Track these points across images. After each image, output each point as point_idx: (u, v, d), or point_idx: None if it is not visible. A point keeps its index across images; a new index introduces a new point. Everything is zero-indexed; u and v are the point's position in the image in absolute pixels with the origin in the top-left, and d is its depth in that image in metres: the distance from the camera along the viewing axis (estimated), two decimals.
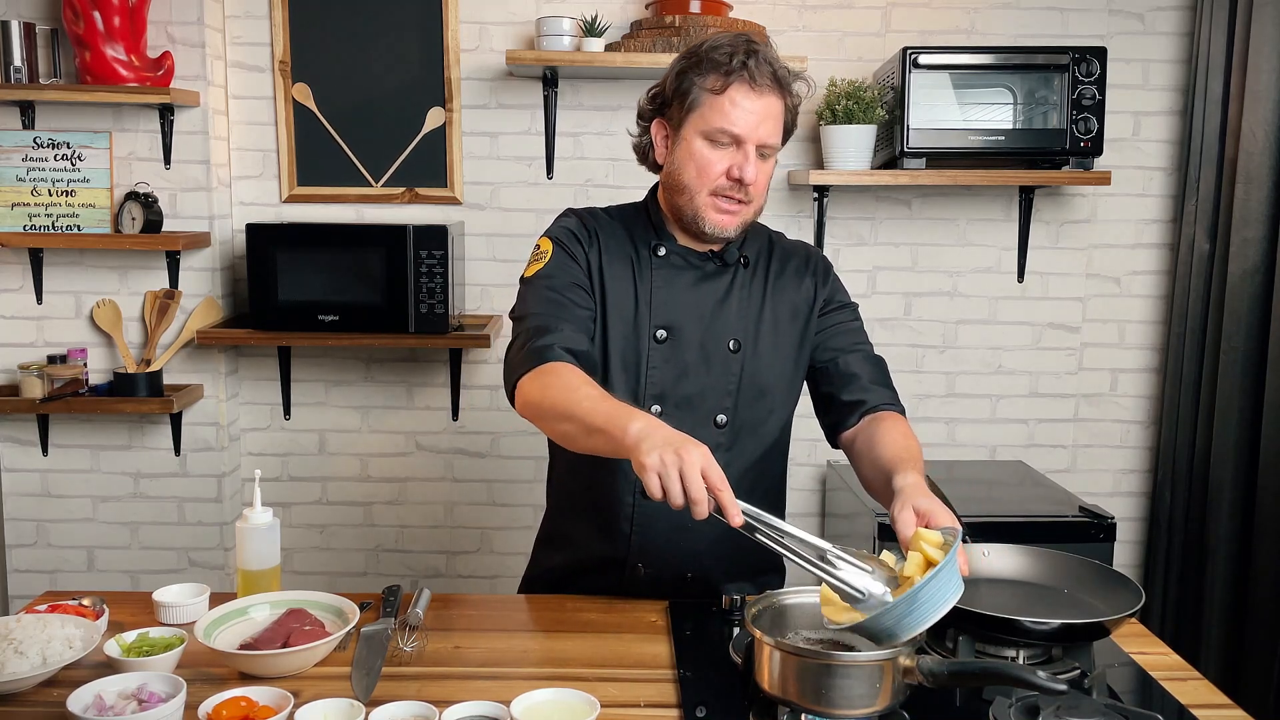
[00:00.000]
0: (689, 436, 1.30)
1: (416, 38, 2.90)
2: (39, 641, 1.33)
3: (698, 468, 1.25)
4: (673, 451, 1.26)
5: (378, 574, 3.09)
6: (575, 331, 1.57)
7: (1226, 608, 2.76)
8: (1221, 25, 2.78)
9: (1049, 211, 3.02)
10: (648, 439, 1.29)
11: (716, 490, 1.26)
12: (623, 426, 1.33)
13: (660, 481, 1.26)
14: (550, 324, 1.56)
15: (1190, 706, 1.32)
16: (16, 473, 2.92)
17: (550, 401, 1.45)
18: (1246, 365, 2.70)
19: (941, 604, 1.21)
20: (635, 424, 1.32)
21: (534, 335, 1.55)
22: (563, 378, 1.47)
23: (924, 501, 1.37)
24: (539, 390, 1.48)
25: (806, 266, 1.74)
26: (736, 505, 1.26)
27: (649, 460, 1.26)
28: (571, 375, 1.48)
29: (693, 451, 1.26)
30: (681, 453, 1.26)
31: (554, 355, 1.52)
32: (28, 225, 2.78)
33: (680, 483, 1.25)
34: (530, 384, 1.50)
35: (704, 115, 1.56)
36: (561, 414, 1.43)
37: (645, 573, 1.68)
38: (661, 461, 1.26)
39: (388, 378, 3.04)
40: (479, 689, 1.31)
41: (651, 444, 1.28)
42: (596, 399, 1.41)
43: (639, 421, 1.32)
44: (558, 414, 1.44)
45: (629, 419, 1.33)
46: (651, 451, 1.27)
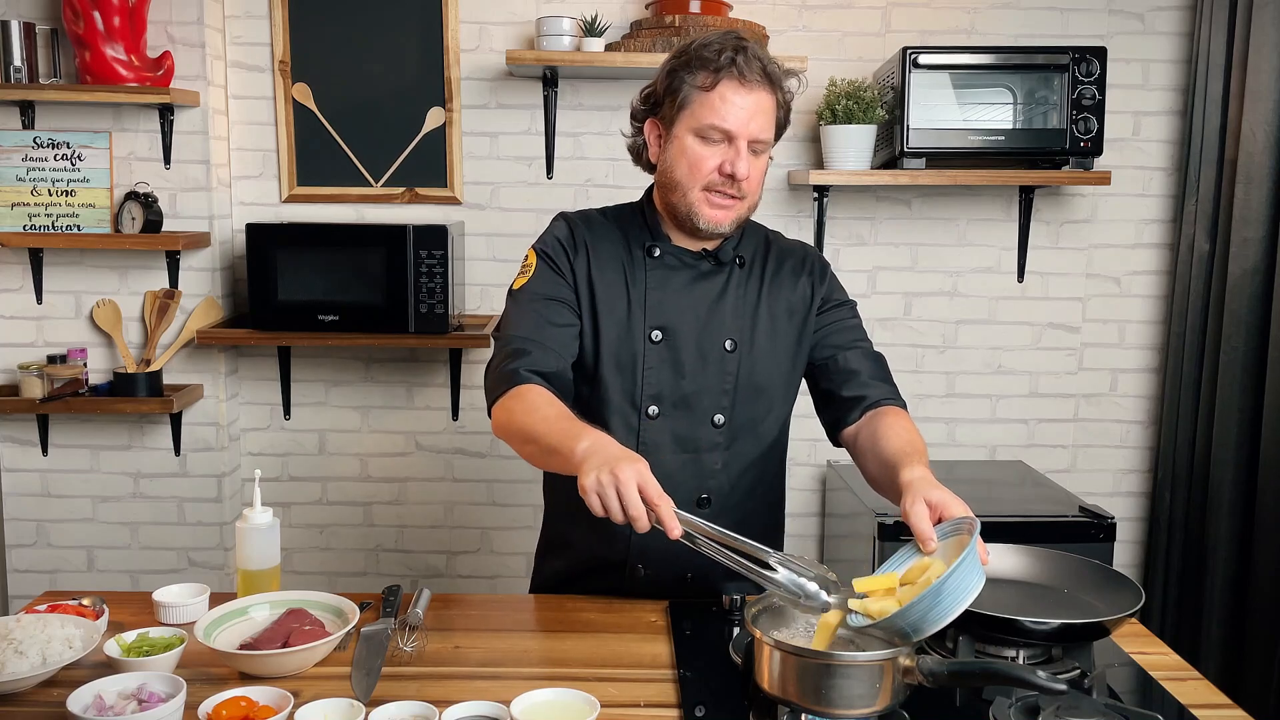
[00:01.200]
0: (629, 452, 1.34)
1: (416, 38, 2.90)
2: (39, 641, 1.33)
3: (633, 484, 1.28)
4: (608, 471, 1.29)
5: (378, 574, 3.09)
6: (548, 352, 1.59)
7: (1226, 608, 2.76)
8: (1221, 25, 2.78)
9: (1049, 211, 3.02)
10: (589, 459, 1.33)
11: (654, 505, 1.29)
12: (571, 448, 1.37)
13: (600, 501, 1.30)
14: (525, 346, 1.58)
15: (1190, 706, 1.32)
16: (16, 473, 2.92)
17: (515, 425, 1.50)
18: (1246, 365, 2.70)
19: (966, 595, 1.21)
20: (581, 444, 1.36)
21: (508, 358, 1.58)
22: (526, 400, 1.51)
23: (935, 494, 1.37)
24: (506, 414, 1.53)
25: (803, 266, 1.74)
26: (674, 519, 1.29)
27: (587, 482, 1.31)
28: (536, 397, 1.51)
29: (626, 469, 1.29)
30: (616, 471, 1.29)
31: (521, 379, 1.54)
32: (28, 225, 2.78)
33: (618, 501, 1.29)
34: (501, 408, 1.54)
35: (695, 112, 1.57)
36: (525, 436, 1.48)
37: (645, 574, 1.68)
38: (599, 481, 1.30)
39: (388, 378, 3.04)
40: (479, 689, 1.31)
41: (591, 464, 1.32)
42: (552, 419, 1.45)
43: (585, 441, 1.37)
44: (522, 437, 1.49)
45: (577, 439, 1.38)
46: (590, 473, 1.31)
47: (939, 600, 1.19)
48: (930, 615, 1.19)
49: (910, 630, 1.21)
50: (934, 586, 1.19)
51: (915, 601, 1.19)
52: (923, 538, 1.34)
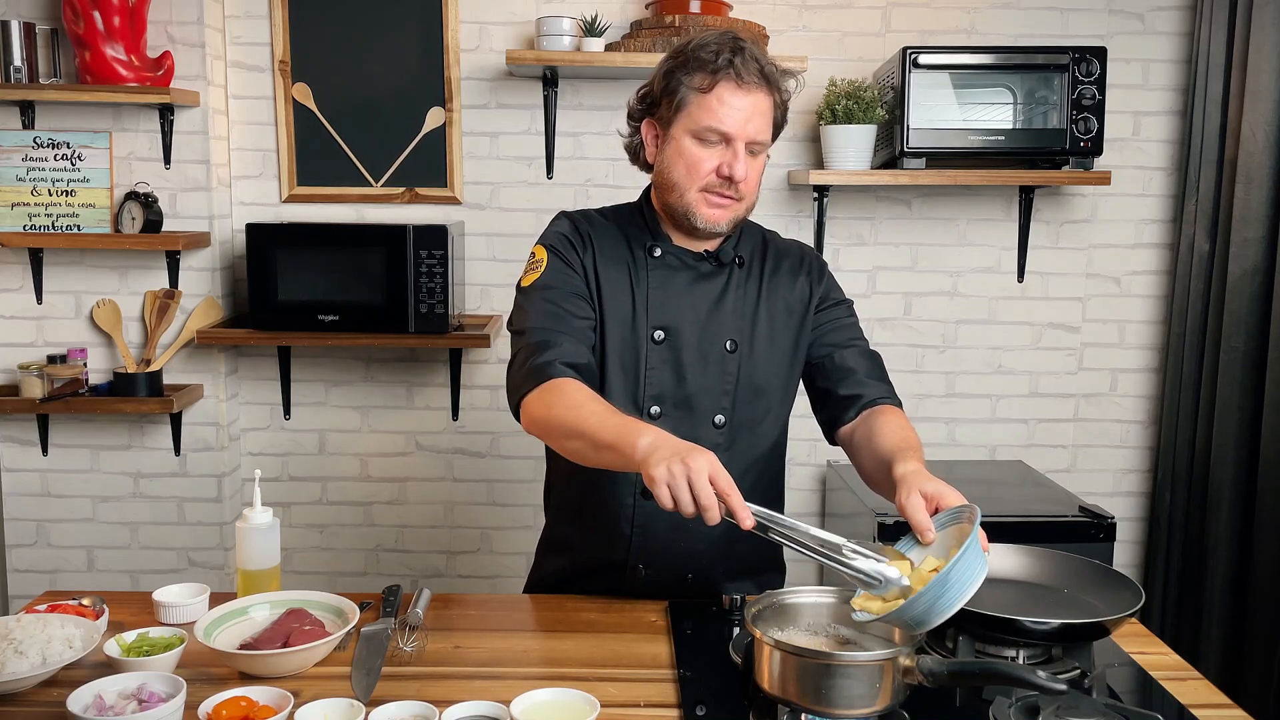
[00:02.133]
0: (695, 445, 1.32)
1: (416, 38, 2.90)
2: (39, 641, 1.33)
3: (705, 474, 1.27)
4: (679, 461, 1.27)
5: (378, 574, 3.09)
6: (576, 344, 1.57)
7: (1226, 608, 2.76)
8: (1221, 25, 2.78)
9: (1049, 211, 3.02)
10: (656, 452, 1.31)
11: (725, 495, 1.27)
12: (632, 443, 1.34)
13: (670, 492, 1.27)
14: (550, 338, 1.56)
15: (1190, 706, 1.32)
16: (16, 473, 2.92)
17: (558, 420, 1.47)
18: (1246, 365, 2.70)
19: (971, 583, 1.21)
20: (644, 439, 1.34)
21: (535, 351, 1.55)
22: (567, 395, 1.48)
23: (930, 485, 1.37)
24: (544, 408, 1.49)
25: (801, 265, 1.74)
26: (747, 508, 1.27)
27: (657, 473, 1.28)
28: (576, 391, 1.49)
29: (699, 459, 1.28)
30: (688, 461, 1.27)
31: (556, 371, 1.52)
32: (28, 225, 2.78)
33: (689, 491, 1.27)
34: (535, 402, 1.51)
35: (692, 114, 1.56)
36: (570, 431, 1.45)
37: (646, 574, 1.68)
38: (669, 472, 1.27)
39: (388, 378, 3.04)
40: (479, 689, 1.31)
41: (659, 456, 1.30)
42: (603, 414, 1.43)
43: (648, 436, 1.34)
44: (565, 432, 1.46)
45: (638, 434, 1.35)
46: (659, 464, 1.29)
47: (945, 589, 1.19)
48: (937, 605, 1.20)
49: (916, 622, 1.21)
50: (939, 576, 1.19)
51: (922, 593, 1.19)
52: (920, 529, 1.34)
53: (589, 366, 1.58)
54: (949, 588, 1.19)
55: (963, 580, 1.20)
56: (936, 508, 1.36)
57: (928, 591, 1.19)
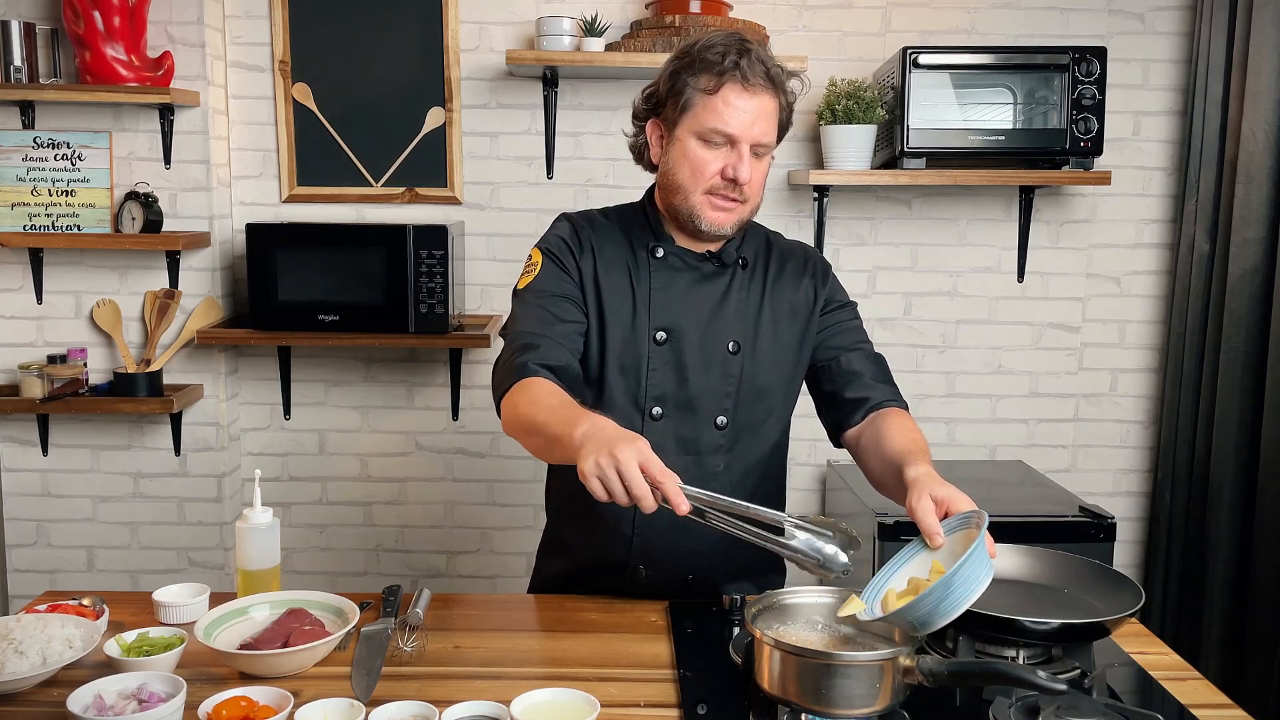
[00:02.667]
0: (627, 432, 1.30)
1: (416, 38, 2.90)
2: (39, 641, 1.33)
3: (634, 463, 1.25)
4: (607, 453, 1.26)
5: (378, 574, 3.09)
6: (557, 346, 1.57)
7: (1226, 608, 2.76)
8: (1221, 25, 2.78)
9: (1049, 211, 3.02)
10: (586, 444, 1.30)
11: (658, 482, 1.25)
12: (569, 434, 1.33)
13: (602, 484, 1.26)
14: (533, 340, 1.57)
15: (1190, 706, 1.32)
16: (16, 473, 2.92)
17: (521, 417, 1.47)
18: (1246, 365, 2.70)
19: (975, 588, 1.21)
20: (579, 429, 1.33)
21: (516, 352, 1.56)
22: (531, 392, 1.48)
23: (941, 489, 1.37)
24: (512, 407, 1.50)
25: (805, 267, 1.74)
26: (681, 494, 1.26)
27: (587, 466, 1.27)
28: (540, 388, 1.49)
29: (625, 449, 1.26)
30: (615, 451, 1.26)
31: (529, 371, 1.52)
32: (28, 225, 2.78)
33: (620, 481, 1.25)
34: (508, 402, 1.52)
35: (697, 115, 1.56)
36: (529, 428, 1.45)
37: (646, 575, 1.68)
38: (598, 465, 1.26)
39: (388, 378, 3.04)
40: (479, 689, 1.31)
41: (589, 449, 1.28)
42: (555, 408, 1.42)
43: (582, 425, 1.33)
44: (527, 429, 1.46)
45: (575, 425, 1.34)
46: (588, 456, 1.27)
47: (949, 592, 1.19)
48: (940, 607, 1.20)
49: (920, 623, 1.21)
50: (944, 579, 1.19)
51: (926, 594, 1.20)
52: (929, 532, 1.34)
53: (567, 369, 1.57)
54: (953, 591, 1.20)
55: (967, 584, 1.20)
56: (946, 512, 1.36)
57: (931, 593, 1.19)
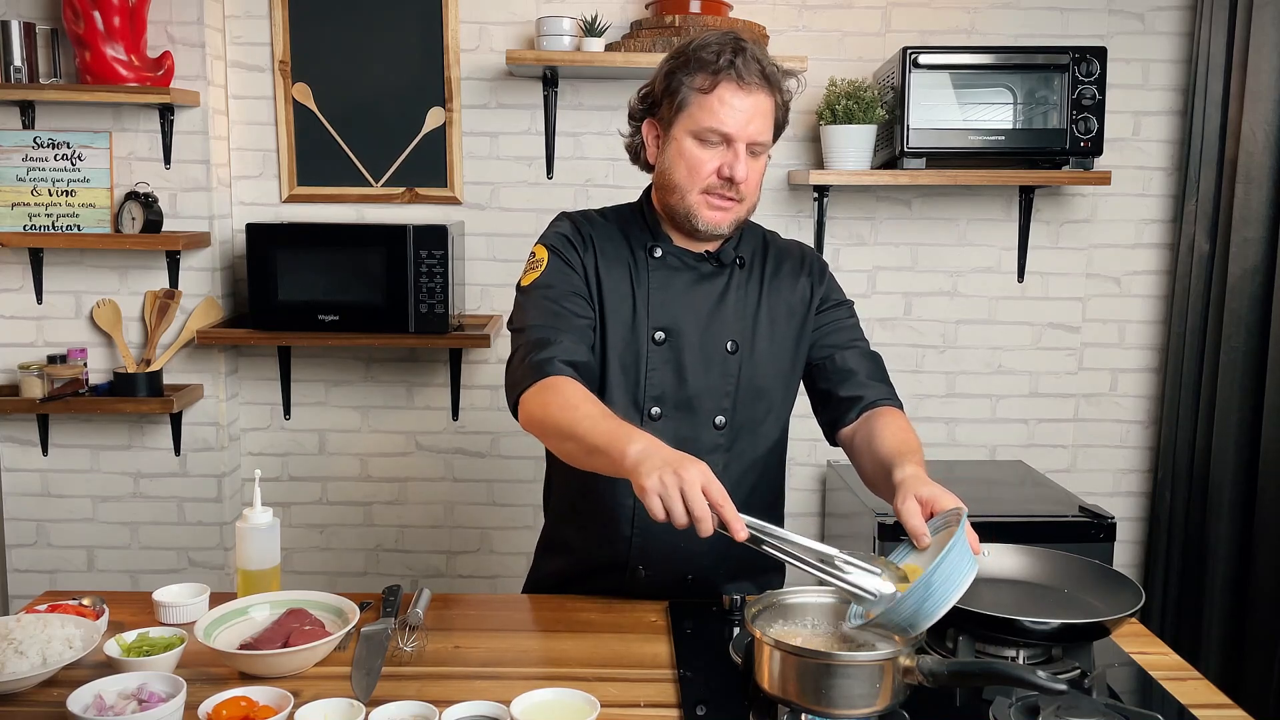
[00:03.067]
0: (687, 455, 1.30)
1: (416, 38, 2.90)
2: (39, 641, 1.33)
3: (698, 485, 1.25)
4: (672, 472, 1.26)
5: (378, 574, 3.09)
6: (575, 342, 1.57)
7: (1226, 608, 2.76)
8: (1221, 25, 2.78)
9: (1049, 211, 3.02)
10: (646, 460, 1.29)
11: (719, 506, 1.25)
12: (621, 449, 1.32)
13: (662, 502, 1.26)
14: (550, 336, 1.55)
15: (1190, 706, 1.32)
16: (16, 473, 2.92)
17: (553, 420, 1.45)
18: (1246, 365, 2.70)
19: (957, 585, 1.21)
20: (634, 445, 1.32)
21: (534, 348, 1.54)
22: (563, 394, 1.47)
23: (925, 490, 1.37)
24: (540, 407, 1.48)
25: (802, 266, 1.74)
26: (740, 520, 1.26)
27: (649, 483, 1.26)
28: (573, 391, 1.48)
29: (692, 469, 1.26)
30: (681, 472, 1.25)
31: (554, 369, 1.51)
32: (28, 225, 2.78)
33: (682, 502, 1.25)
34: (532, 400, 1.50)
35: (693, 115, 1.56)
36: (563, 433, 1.44)
37: (646, 575, 1.68)
38: (661, 483, 1.26)
39: (388, 378, 3.04)
40: (479, 689, 1.31)
41: (650, 465, 1.28)
42: (597, 418, 1.41)
43: (638, 443, 1.32)
44: (559, 433, 1.44)
45: (628, 440, 1.33)
46: (651, 473, 1.27)
47: (930, 593, 1.19)
48: (924, 608, 1.20)
49: (907, 625, 1.21)
50: (922, 579, 1.19)
51: (905, 595, 1.19)
52: (916, 534, 1.34)
53: (588, 365, 1.57)
54: (933, 590, 1.19)
55: (948, 582, 1.20)
56: (931, 512, 1.36)
57: (911, 595, 1.19)
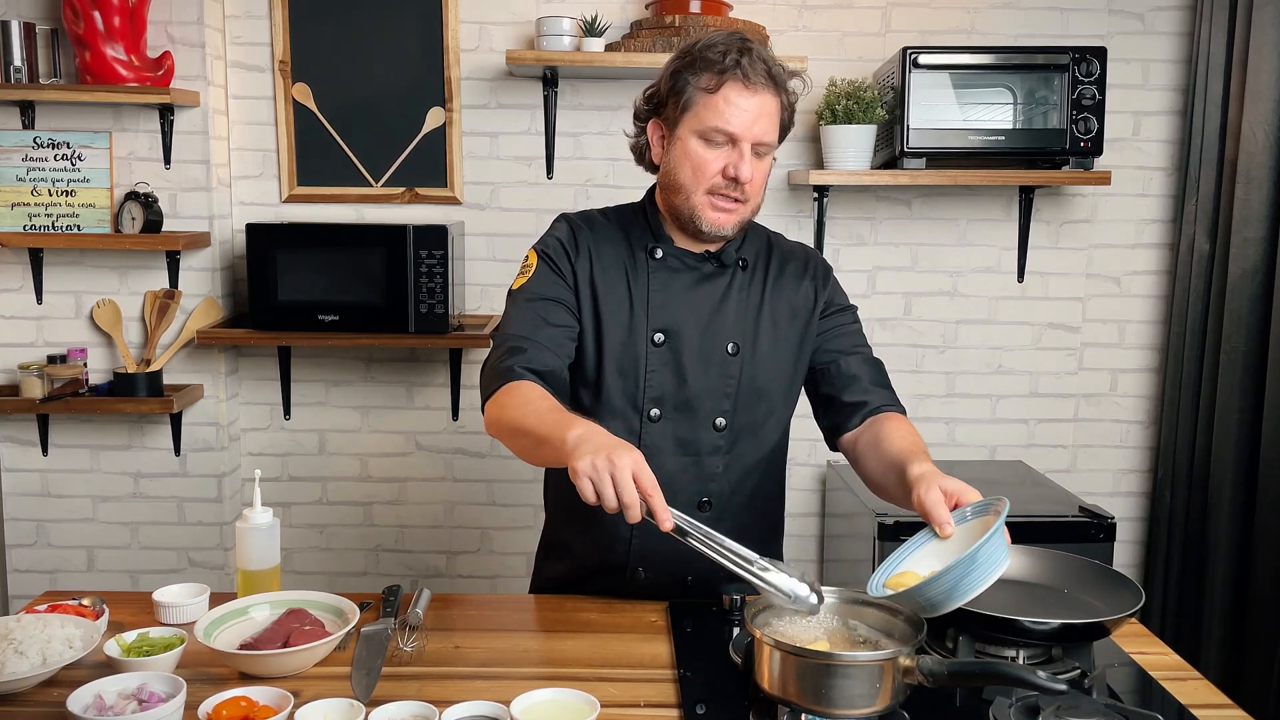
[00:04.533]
0: (623, 441, 1.32)
1: (416, 38, 2.90)
2: (39, 641, 1.33)
3: (628, 471, 1.27)
4: (604, 456, 1.28)
5: (378, 574, 3.09)
6: (545, 351, 1.58)
7: (1226, 608, 2.76)
8: (1221, 25, 2.78)
9: (1049, 211, 3.02)
10: (581, 445, 1.31)
11: (647, 495, 1.27)
12: (561, 436, 1.35)
13: (593, 486, 1.28)
14: (520, 344, 1.57)
15: (1190, 706, 1.32)
16: (16, 473, 2.92)
17: (507, 419, 1.48)
18: (1246, 365, 2.70)
19: (995, 568, 1.23)
20: (573, 431, 1.34)
21: (504, 355, 1.57)
22: (517, 395, 1.49)
23: (950, 483, 1.38)
24: (498, 409, 1.51)
25: (806, 269, 1.74)
26: (667, 510, 1.28)
27: (580, 465, 1.28)
28: (528, 391, 1.50)
29: (623, 455, 1.28)
30: (613, 457, 1.27)
31: (516, 375, 1.53)
32: (28, 225, 2.78)
33: (612, 486, 1.27)
34: (493, 404, 1.53)
35: (699, 114, 1.56)
36: (515, 430, 1.46)
37: (646, 577, 1.68)
38: (593, 466, 1.28)
39: (388, 378, 3.04)
40: (479, 689, 1.31)
41: (584, 450, 1.30)
42: (543, 412, 1.43)
43: (577, 429, 1.35)
44: (512, 430, 1.47)
45: (568, 427, 1.35)
46: (584, 457, 1.29)
47: (973, 567, 1.20)
48: (962, 584, 1.21)
49: (939, 600, 1.22)
50: (969, 553, 1.20)
51: (950, 568, 1.21)
52: (940, 522, 1.34)
53: (555, 374, 1.58)
54: (976, 566, 1.21)
55: (989, 562, 1.22)
56: (956, 504, 1.36)
57: (955, 568, 1.20)
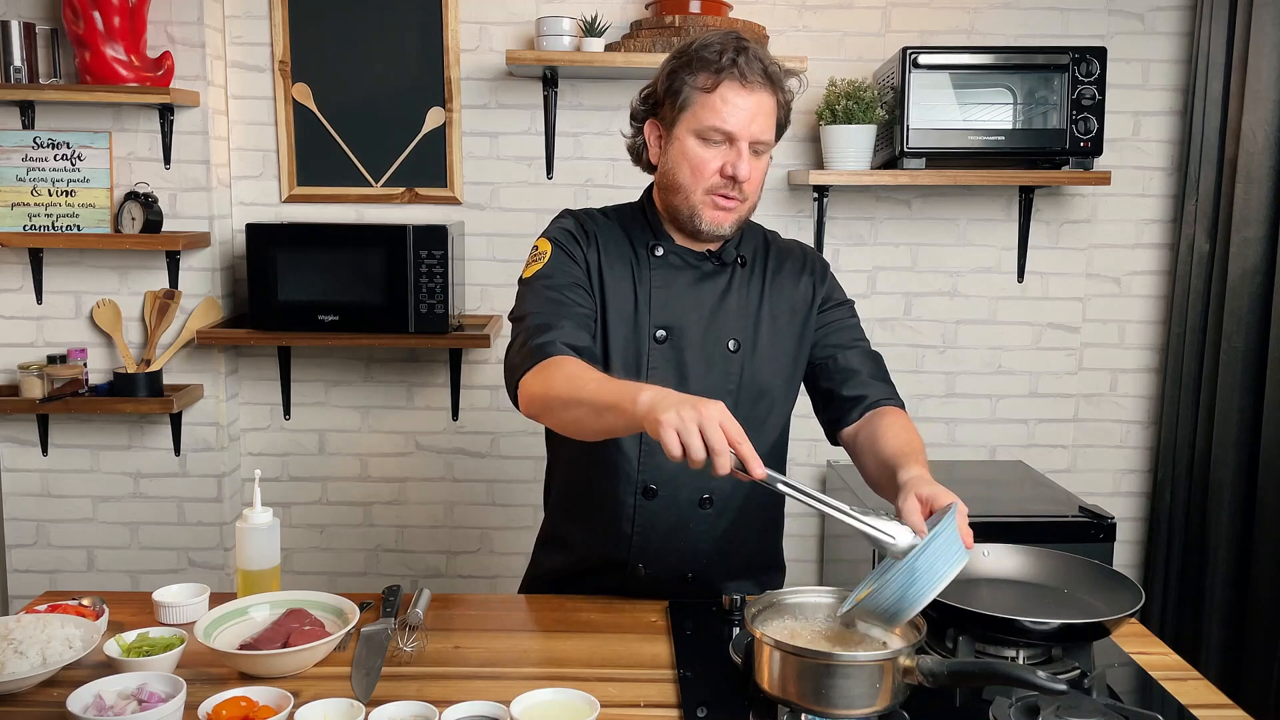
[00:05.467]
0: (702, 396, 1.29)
1: (416, 38, 2.90)
2: (39, 641, 1.33)
3: (716, 421, 1.24)
4: (690, 407, 1.25)
5: (378, 574, 3.09)
6: (575, 328, 1.56)
7: (1226, 608, 2.76)
8: (1221, 25, 2.78)
9: (1049, 211, 3.02)
10: (661, 400, 1.28)
11: (736, 443, 1.25)
12: (632, 398, 1.31)
13: (680, 438, 1.24)
14: (550, 321, 1.55)
15: (1190, 706, 1.32)
16: (16, 473, 2.92)
17: (555, 392, 1.44)
18: (1246, 365, 2.70)
19: (942, 573, 1.22)
20: (645, 394, 1.31)
21: (534, 334, 1.54)
22: (565, 368, 1.46)
23: (926, 488, 1.38)
24: (541, 384, 1.47)
25: (803, 266, 1.74)
26: (757, 457, 1.25)
27: (666, 417, 1.25)
28: (574, 365, 1.47)
29: (710, 406, 1.25)
30: (700, 408, 1.25)
31: (555, 350, 1.50)
32: (28, 225, 2.78)
33: (700, 436, 1.24)
34: (533, 380, 1.49)
35: (695, 114, 1.56)
36: (569, 401, 1.42)
37: (646, 573, 1.68)
38: (679, 417, 1.24)
39: (388, 378, 3.04)
40: (479, 689, 1.31)
41: (667, 403, 1.27)
42: (602, 380, 1.41)
43: (647, 391, 1.31)
44: (564, 402, 1.43)
45: (638, 390, 1.32)
46: (668, 410, 1.25)
47: (914, 578, 1.21)
48: (909, 594, 1.21)
49: (893, 609, 1.22)
50: (905, 563, 1.22)
51: (890, 579, 1.21)
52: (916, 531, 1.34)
53: (589, 350, 1.56)
54: (917, 576, 1.21)
55: (931, 569, 1.21)
56: (931, 509, 1.36)
57: (894, 579, 1.21)
